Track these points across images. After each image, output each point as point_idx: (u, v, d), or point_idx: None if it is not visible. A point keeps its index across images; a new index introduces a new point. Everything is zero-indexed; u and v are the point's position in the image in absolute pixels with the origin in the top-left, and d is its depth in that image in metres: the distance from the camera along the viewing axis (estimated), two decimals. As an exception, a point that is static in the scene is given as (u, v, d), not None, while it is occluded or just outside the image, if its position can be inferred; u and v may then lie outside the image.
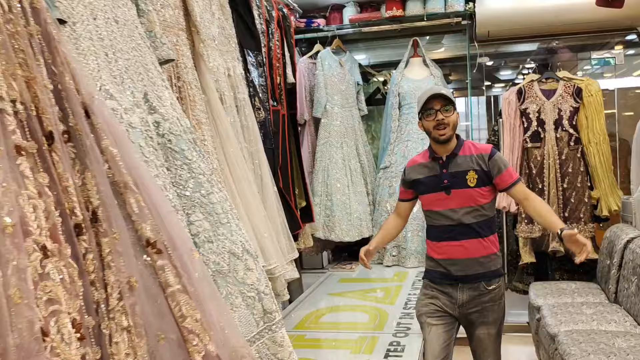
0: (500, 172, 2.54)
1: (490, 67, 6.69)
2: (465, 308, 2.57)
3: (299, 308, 3.44)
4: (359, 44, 5.49)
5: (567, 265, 4.78)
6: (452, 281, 2.56)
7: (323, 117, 4.67)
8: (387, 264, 4.53)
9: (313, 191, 4.60)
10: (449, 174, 2.55)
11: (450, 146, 2.58)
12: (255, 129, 2.74)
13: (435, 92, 2.54)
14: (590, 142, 4.56)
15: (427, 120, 2.56)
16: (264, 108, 3.36)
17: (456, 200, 2.53)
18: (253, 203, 2.35)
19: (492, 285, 2.56)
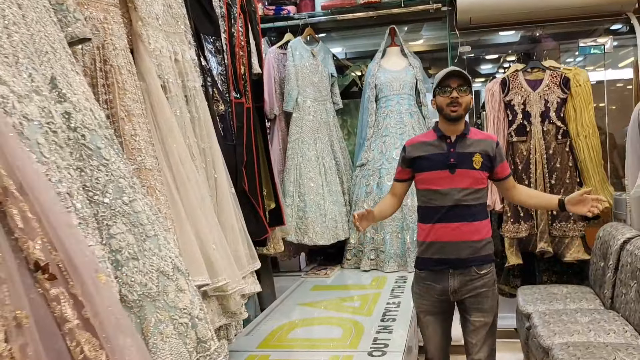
0: (502, 161, 2.67)
1: (472, 59, 6.43)
2: (458, 294, 2.57)
3: (266, 321, 3.10)
4: (332, 34, 5.15)
5: (555, 267, 4.50)
6: (443, 266, 2.56)
7: (294, 112, 4.33)
8: (364, 269, 4.21)
9: (284, 191, 4.26)
10: (456, 153, 2.58)
11: (459, 126, 2.62)
12: (208, 123, 2.39)
13: (454, 70, 2.61)
14: (579, 135, 4.29)
15: (441, 96, 2.59)
16: (223, 100, 3.02)
17: (459, 180, 2.56)
18: (199, 208, 2.01)
19: (483, 270, 2.57)
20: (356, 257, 4.33)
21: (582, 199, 2.62)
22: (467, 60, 6.23)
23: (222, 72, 3.07)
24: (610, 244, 3.38)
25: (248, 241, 2.49)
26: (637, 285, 2.89)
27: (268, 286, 4.53)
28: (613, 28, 4.91)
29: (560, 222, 4.23)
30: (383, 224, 4.18)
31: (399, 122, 4.35)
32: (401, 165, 2.76)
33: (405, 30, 5.37)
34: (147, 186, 1.81)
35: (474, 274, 2.57)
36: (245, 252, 2.43)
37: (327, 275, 4.09)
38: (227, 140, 2.99)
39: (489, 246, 2.64)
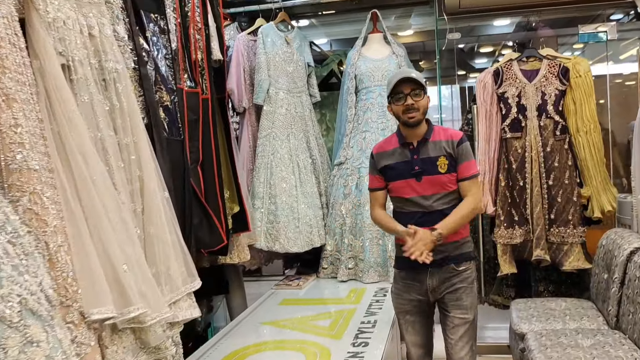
0: (462, 161, 2.52)
1: (465, 52, 6.03)
2: (437, 292, 2.54)
3: (219, 345, 2.69)
4: (310, 20, 4.73)
5: (553, 276, 4.10)
6: (422, 267, 2.46)
7: (266, 104, 3.92)
8: (341, 279, 3.79)
9: (253, 193, 3.85)
10: (420, 160, 2.52)
11: (420, 131, 2.54)
12: (134, 113, 1.97)
13: (405, 76, 2.49)
14: (579, 130, 3.88)
15: (396, 104, 2.51)
16: (168, 89, 2.60)
17: (427, 187, 2.51)
18: (108, 219, 1.59)
19: (461, 267, 2.54)
20: (333, 266, 3.91)
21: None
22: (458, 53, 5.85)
23: (167, 56, 2.65)
24: (615, 254, 2.97)
25: (185, 257, 2.07)
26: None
27: (239, 296, 4.14)
28: (614, 18, 4.52)
29: (558, 227, 3.83)
30: (362, 230, 3.77)
31: (381, 116, 3.93)
32: (373, 173, 2.68)
33: (392, 20, 4.97)
34: (28, 192, 1.40)
35: (452, 270, 2.53)
36: (181, 271, 2.01)
37: (300, 287, 3.67)
38: (173, 135, 2.57)
39: (467, 244, 2.59)
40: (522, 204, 3.88)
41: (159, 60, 2.56)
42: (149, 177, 1.94)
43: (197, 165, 2.96)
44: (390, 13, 4.70)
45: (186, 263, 2.07)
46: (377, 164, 2.63)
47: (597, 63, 5.05)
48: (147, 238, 1.90)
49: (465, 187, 2.53)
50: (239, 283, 4.16)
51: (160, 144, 2.35)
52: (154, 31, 2.55)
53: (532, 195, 3.85)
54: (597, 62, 5.06)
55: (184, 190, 2.60)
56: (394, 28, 5.01)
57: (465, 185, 2.53)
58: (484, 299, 4.28)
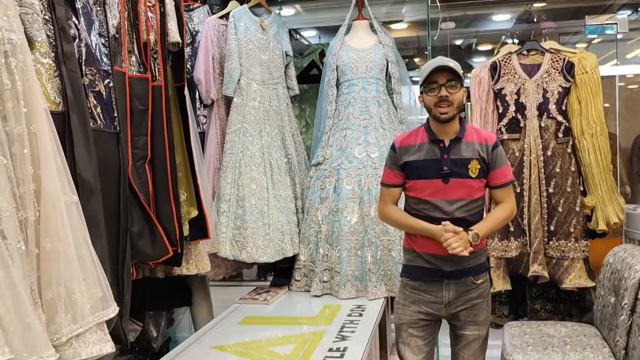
0: (497, 167, 2.36)
1: (462, 49, 5.64)
2: (452, 307, 2.37)
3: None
4: (290, 4, 4.33)
5: (551, 293, 3.70)
6: (438, 277, 2.35)
7: (236, 96, 3.51)
8: (315, 293, 3.38)
9: (219, 194, 3.44)
10: (450, 160, 2.32)
11: (453, 128, 2.35)
12: (34, 96, 1.57)
13: (441, 64, 2.27)
14: (584, 133, 3.49)
15: (429, 95, 2.31)
16: (101, 71, 2.19)
17: (453, 191, 2.32)
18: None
19: (480, 279, 2.38)
20: (307, 278, 3.50)
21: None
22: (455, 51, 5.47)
23: (103, 33, 2.24)
24: (625, 275, 2.58)
25: (99, 276, 1.66)
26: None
27: (205, 307, 3.74)
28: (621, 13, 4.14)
29: (558, 240, 3.43)
30: (339, 239, 3.36)
31: (364, 111, 3.53)
32: (392, 168, 2.45)
33: (384, 12, 4.59)
34: None
35: (470, 284, 2.37)
36: (90, 294, 1.61)
37: (267, 302, 3.26)
38: (106, 126, 2.17)
39: (484, 255, 2.44)
40: (518, 214, 3.48)
41: (92, 37, 2.16)
42: (49, 177, 1.53)
43: (144, 163, 2.57)
44: (380, 2, 4.31)
45: (100, 285, 1.66)
46: (398, 159, 2.41)
47: (603, 63, 4.69)
48: (43, 254, 1.50)
49: (502, 194, 2.40)
50: (204, 293, 3.75)
51: (85, 137, 1.95)
52: (85, 2, 2.15)
53: (530, 203, 3.46)
54: (603, 62, 4.70)
55: (119, 192, 2.20)
56: (386, 19, 4.64)
57: (501, 192, 2.40)
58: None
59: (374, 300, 3.21)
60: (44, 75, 1.80)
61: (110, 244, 2.14)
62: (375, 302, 3.16)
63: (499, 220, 2.38)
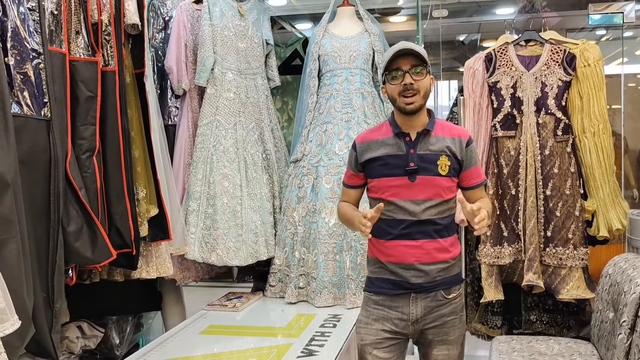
0: (472, 165, 2.17)
1: (466, 46, 5.38)
2: (420, 324, 2.12)
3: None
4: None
5: (547, 304, 3.42)
6: (404, 291, 2.11)
7: (209, 86, 3.26)
8: (290, 300, 3.13)
9: (189, 192, 3.19)
10: (417, 155, 2.10)
11: (420, 120, 2.13)
12: None
13: (404, 48, 2.06)
14: (586, 131, 3.21)
15: (392, 84, 2.09)
16: (28, 51, 1.95)
17: (421, 190, 2.09)
18: None
19: (452, 294, 2.15)
20: (282, 284, 3.25)
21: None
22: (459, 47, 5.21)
23: (33, 8, 1.99)
24: (625, 289, 2.30)
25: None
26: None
27: (177, 313, 3.51)
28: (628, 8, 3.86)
29: (555, 247, 3.16)
30: (316, 242, 3.11)
31: (347, 104, 3.26)
32: (352, 169, 2.25)
33: (380, 1, 4.36)
34: None
35: (441, 298, 2.13)
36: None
37: (236, 309, 3.01)
38: (33, 111, 1.92)
39: (457, 264, 2.20)
40: (513, 217, 3.21)
41: (18, 11, 1.91)
42: None
43: (91, 155, 2.32)
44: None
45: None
46: (359, 157, 2.19)
47: (611, 60, 4.44)
48: None
49: (477, 194, 2.21)
50: (176, 297, 3.52)
51: (2, 123, 1.70)
52: (11, -28, 1.91)
53: (525, 207, 3.19)
54: (611, 59, 4.44)
55: (50, 187, 1.96)
56: (382, 10, 4.39)
57: (477, 192, 2.21)
58: (466, 327, 3.62)
59: (351, 310, 2.95)
60: (-52, 51, 1.56)
61: (38, 245, 1.91)
62: (352, 312, 2.90)
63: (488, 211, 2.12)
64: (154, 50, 3.32)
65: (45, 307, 1.91)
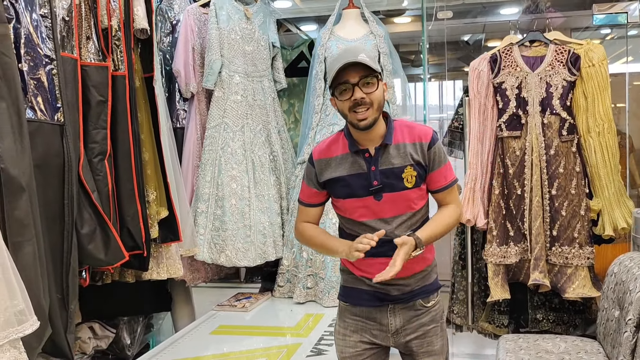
0: (436, 168, 1.96)
1: (471, 46, 5.40)
2: (401, 335, 2.01)
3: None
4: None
5: (554, 302, 3.44)
6: (381, 302, 1.99)
7: (217, 89, 3.31)
8: (298, 300, 3.17)
9: (198, 194, 3.24)
10: (379, 171, 1.91)
11: (377, 133, 1.91)
12: None
13: (349, 61, 1.81)
14: (591, 131, 3.22)
15: (340, 99, 1.87)
16: (41, 57, 1.98)
17: (389, 207, 1.93)
18: None
19: (430, 302, 2.03)
20: (290, 284, 3.29)
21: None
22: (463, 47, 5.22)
23: (46, 15, 2.03)
24: (630, 287, 2.33)
25: (14, 288, 1.45)
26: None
27: (186, 314, 3.55)
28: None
29: (561, 246, 3.18)
30: (324, 242, 3.14)
31: (353, 106, 3.29)
32: (310, 185, 2.03)
33: (384, 2, 4.36)
34: None
35: (419, 307, 2.01)
36: (5, 306, 1.40)
37: (246, 309, 3.05)
38: (47, 116, 1.96)
39: (434, 272, 2.07)
40: (519, 217, 3.24)
41: (32, 18, 1.95)
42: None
43: (103, 158, 2.36)
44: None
45: (16, 297, 1.45)
46: (318, 175, 1.99)
47: (616, 59, 4.43)
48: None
49: (446, 196, 2.03)
50: (185, 298, 3.57)
51: (17, 128, 1.75)
52: (25, -20, 1.95)
53: (531, 206, 3.21)
54: (616, 58, 4.44)
55: (64, 191, 1.99)
56: (387, 12, 4.41)
57: (445, 195, 2.03)
58: (472, 326, 3.64)
59: (359, 309, 2.98)
60: (-35, 58, 1.60)
61: (53, 248, 1.95)
62: (360, 311, 2.93)
63: (446, 225, 1.99)
64: (162, 53, 3.36)
65: (60, 308, 1.95)
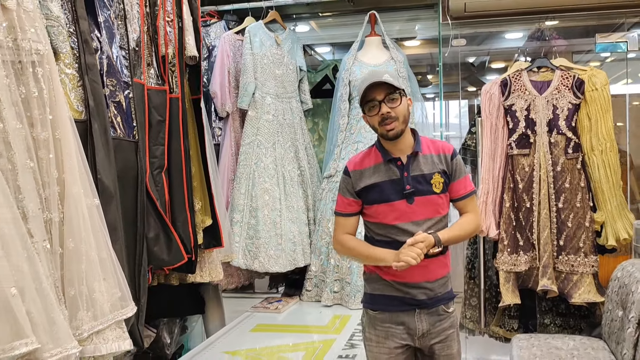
0: (457, 177, 2.19)
1: (474, 66, 5.70)
2: (426, 339, 2.16)
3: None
4: (303, 23, 4.43)
5: (560, 308, 3.71)
6: (409, 307, 2.14)
7: (250, 109, 3.60)
8: (326, 303, 3.44)
9: (233, 205, 3.52)
10: (411, 177, 2.12)
11: (406, 143, 2.15)
12: (59, 104, 1.65)
13: (374, 81, 2.08)
14: (594, 149, 3.51)
15: (370, 115, 2.13)
16: (122, 82, 2.28)
17: (420, 210, 2.12)
18: None
19: (450, 308, 2.22)
20: (318, 288, 3.57)
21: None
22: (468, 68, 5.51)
23: (123, 46, 2.33)
24: (632, 289, 2.60)
25: (117, 277, 1.74)
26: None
27: (217, 317, 3.79)
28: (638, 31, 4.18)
29: (567, 255, 3.45)
30: (350, 250, 3.42)
31: (375, 126, 3.60)
32: (346, 195, 2.21)
33: (397, 29, 4.67)
34: None
35: (442, 312, 2.18)
36: (110, 294, 1.68)
37: (278, 311, 3.32)
38: (125, 135, 2.25)
39: (450, 280, 2.26)
40: (528, 228, 3.52)
41: (113, 50, 2.25)
42: (72, 180, 1.61)
43: (161, 171, 2.65)
44: (394, 18, 4.38)
45: (119, 285, 1.74)
46: (354, 185, 2.18)
47: (616, 81, 4.72)
48: (66, 253, 1.58)
49: (466, 205, 2.23)
50: (217, 302, 3.81)
51: (105, 144, 2.04)
52: (107, 16, 2.25)
53: (539, 218, 3.49)
54: (616, 80, 4.72)
55: (137, 199, 2.28)
56: (399, 36, 4.71)
57: (465, 204, 2.22)
58: (484, 330, 3.90)
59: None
60: (67, 85, 1.89)
61: (128, 249, 2.22)
62: (384, 313, 3.20)
63: (466, 232, 2.21)
64: (200, 76, 3.66)
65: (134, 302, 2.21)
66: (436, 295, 2.16)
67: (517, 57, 4.87)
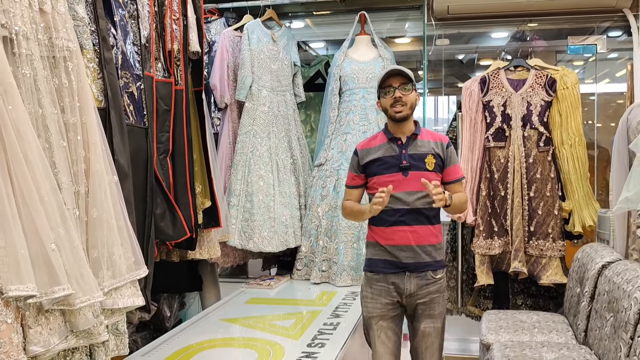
0: (450, 164, 2.60)
1: (463, 63, 5.97)
2: (413, 298, 2.53)
3: (171, 341, 2.64)
4: (304, 20, 4.70)
5: (531, 289, 4.03)
6: (399, 269, 2.51)
7: (247, 101, 3.88)
8: (314, 281, 3.74)
9: (230, 190, 3.80)
10: (408, 155, 2.54)
11: (408, 127, 2.58)
12: (85, 93, 1.93)
13: (394, 70, 2.57)
14: (564, 143, 3.82)
15: (384, 97, 2.57)
16: (134, 75, 2.56)
17: (413, 183, 2.50)
18: (38, 198, 1.55)
19: (438, 274, 2.55)
20: (307, 268, 3.86)
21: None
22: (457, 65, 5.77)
23: (136, 42, 2.61)
24: (588, 267, 2.91)
25: (133, 244, 2.02)
26: (613, 319, 2.41)
27: (214, 294, 4.07)
28: (613, 35, 4.46)
29: (537, 240, 3.76)
30: (337, 232, 3.72)
31: (363, 118, 3.89)
32: (354, 171, 2.68)
33: (387, 27, 4.93)
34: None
35: (429, 277, 2.53)
36: (126, 257, 1.96)
37: (271, 287, 3.61)
38: (137, 122, 2.53)
39: (442, 251, 2.63)
40: (502, 215, 3.82)
41: (127, 46, 2.52)
42: (96, 159, 1.89)
43: (166, 156, 2.93)
44: (384, 18, 4.65)
45: (133, 250, 2.02)
46: (360, 161, 2.62)
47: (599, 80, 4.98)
48: (90, 221, 1.85)
49: (456, 188, 2.60)
50: (213, 280, 4.10)
51: (121, 130, 2.31)
52: (122, 16, 2.52)
53: (512, 206, 3.80)
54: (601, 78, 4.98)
55: (146, 179, 2.56)
56: (389, 34, 4.97)
57: (455, 187, 2.60)
58: (461, 309, 4.22)
59: (366, 288, 3.55)
60: (89, 77, 2.17)
61: (138, 223, 2.50)
62: (368, 290, 3.50)
63: (461, 202, 2.56)
64: (201, 70, 3.93)
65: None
66: (424, 260, 2.51)
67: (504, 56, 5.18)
